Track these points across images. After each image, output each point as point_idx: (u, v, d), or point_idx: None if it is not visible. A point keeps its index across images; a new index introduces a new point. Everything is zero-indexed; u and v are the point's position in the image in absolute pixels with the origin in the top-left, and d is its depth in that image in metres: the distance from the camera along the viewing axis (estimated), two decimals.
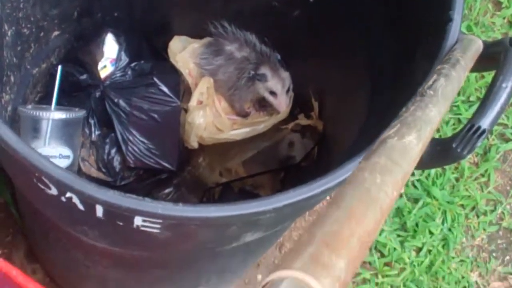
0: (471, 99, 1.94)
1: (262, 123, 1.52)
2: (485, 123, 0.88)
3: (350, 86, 1.34)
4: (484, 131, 0.88)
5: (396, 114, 0.90)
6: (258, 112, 1.58)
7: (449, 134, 1.80)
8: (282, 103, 1.50)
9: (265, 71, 1.48)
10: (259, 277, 1.67)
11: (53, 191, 0.84)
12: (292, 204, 0.82)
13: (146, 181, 1.48)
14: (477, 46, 0.90)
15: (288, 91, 1.51)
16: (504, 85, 0.88)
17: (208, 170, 1.55)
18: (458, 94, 1.93)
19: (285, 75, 1.50)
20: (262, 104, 1.57)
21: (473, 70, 1.01)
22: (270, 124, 1.52)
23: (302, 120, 1.55)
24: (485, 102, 0.89)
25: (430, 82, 0.80)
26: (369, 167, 0.63)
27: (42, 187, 0.85)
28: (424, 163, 0.96)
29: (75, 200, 0.84)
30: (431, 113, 0.75)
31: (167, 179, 1.50)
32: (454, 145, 0.89)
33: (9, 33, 1.20)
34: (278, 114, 1.52)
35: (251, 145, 1.54)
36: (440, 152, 0.92)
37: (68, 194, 0.83)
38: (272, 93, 1.50)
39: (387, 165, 0.63)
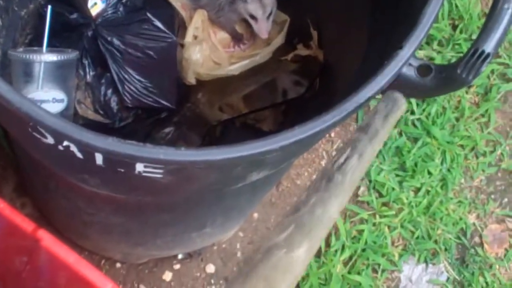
0: (473, 37, 1.89)
1: (258, 54, 1.48)
2: (489, 46, 0.87)
3: (349, 13, 1.30)
4: (488, 55, 0.87)
5: (397, 41, 0.86)
6: (251, 35, 1.52)
7: None
8: (263, 28, 1.44)
9: None
10: (256, 215, 1.65)
11: (50, 140, 0.81)
12: (298, 141, 0.79)
13: (145, 121, 1.45)
14: (402, 109, 0.87)
15: (269, 16, 1.45)
16: (506, 6, 0.86)
17: (208, 106, 1.52)
18: (460, 31, 1.89)
19: (268, 0, 1.43)
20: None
21: None
22: (267, 53, 1.48)
23: (302, 50, 1.51)
24: (487, 26, 0.88)
25: (342, 160, 0.77)
26: None
27: (38, 136, 0.82)
28: (429, 91, 0.94)
29: (73, 148, 0.81)
30: (332, 209, 0.72)
31: (167, 117, 1.47)
32: (458, 71, 0.88)
33: None
34: (273, 42, 1.47)
35: (250, 80, 1.50)
36: (445, 79, 0.91)
37: (65, 143, 0.80)
38: (252, 17, 1.44)
39: None
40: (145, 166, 0.81)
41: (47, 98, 1.27)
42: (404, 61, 0.83)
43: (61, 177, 1.03)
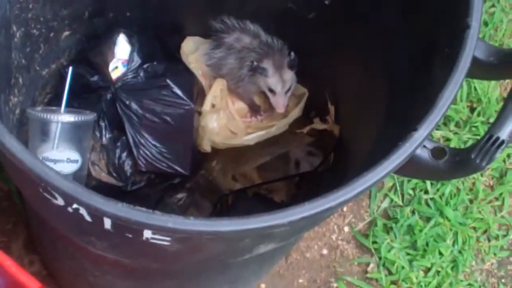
0: (490, 120, 1.89)
1: (274, 126, 1.48)
2: (504, 133, 0.87)
3: (367, 91, 1.31)
4: (503, 142, 0.87)
5: (413, 122, 0.87)
6: (269, 107, 1.53)
7: None
8: (280, 103, 1.46)
9: (267, 66, 1.44)
10: (263, 286, 1.64)
11: (60, 201, 0.81)
12: (307, 217, 0.79)
13: (158, 185, 1.45)
14: None
15: (288, 91, 1.46)
16: None
17: (221, 175, 1.52)
18: (478, 114, 1.89)
19: (288, 76, 1.45)
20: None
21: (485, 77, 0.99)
22: (283, 125, 1.48)
23: (318, 125, 1.51)
24: (503, 113, 0.88)
25: None
26: None
27: (49, 197, 0.82)
28: (442, 174, 0.94)
29: (82, 211, 0.81)
30: None
31: (180, 183, 1.47)
32: (472, 156, 0.88)
33: (17, 35, 1.17)
34: (290, 114, 1.49)
35: (265, 151, 1.51)
36: (459, 163, 0.90)
37: (75, 206, 0.80)
38: (271, 90, 1.46)
39: None
40: (153, 233, 0.81)
41: (61, 158, 1.27)
42: (418, 143, 0.82)
43: (69, 238, 1.03)
